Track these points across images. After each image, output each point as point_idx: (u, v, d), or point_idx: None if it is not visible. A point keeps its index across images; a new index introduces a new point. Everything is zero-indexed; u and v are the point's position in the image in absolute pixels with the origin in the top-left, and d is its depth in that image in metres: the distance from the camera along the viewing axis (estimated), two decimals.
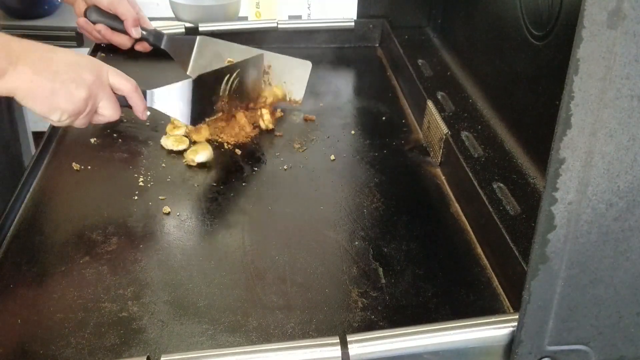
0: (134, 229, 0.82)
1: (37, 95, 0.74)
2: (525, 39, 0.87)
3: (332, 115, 1.09)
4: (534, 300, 0.56)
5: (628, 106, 0.48)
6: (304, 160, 0.97)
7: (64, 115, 0.77)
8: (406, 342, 0.60)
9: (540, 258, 0.54)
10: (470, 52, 1.13)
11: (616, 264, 0.55)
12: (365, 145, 1.01)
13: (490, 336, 0.61)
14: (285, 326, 0.67)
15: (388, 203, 0.87)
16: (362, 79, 1.29)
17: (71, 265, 0.75)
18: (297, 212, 0.86)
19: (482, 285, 0.74)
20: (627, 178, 0.51)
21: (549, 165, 0.50)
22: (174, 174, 0.93)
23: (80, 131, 0.94)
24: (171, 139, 0.98)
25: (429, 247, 0.79)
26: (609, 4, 0.44)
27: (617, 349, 0.60)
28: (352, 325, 0.68)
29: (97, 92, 0.79)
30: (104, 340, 0.65)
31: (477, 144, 0.92)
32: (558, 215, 0.52)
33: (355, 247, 0.79)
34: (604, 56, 0.46)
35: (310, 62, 1.12)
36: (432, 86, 1.09)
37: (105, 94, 0.80)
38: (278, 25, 1.31)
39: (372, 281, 0.74)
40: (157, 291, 0.72)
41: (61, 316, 0.68)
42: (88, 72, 0.77)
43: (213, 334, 0.66)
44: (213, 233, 0.82)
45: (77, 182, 0.91)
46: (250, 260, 0.77)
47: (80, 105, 0.77)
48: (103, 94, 0.80)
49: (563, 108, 0.48)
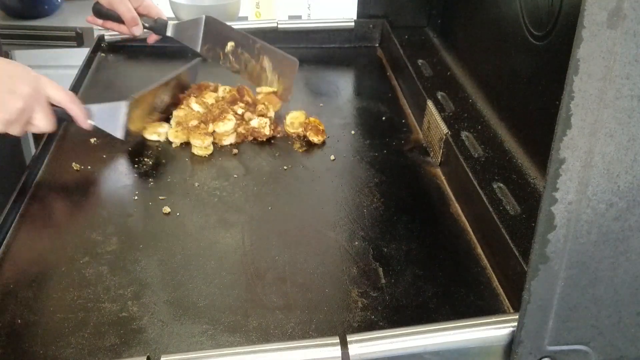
0: (134, 229, 0.82)
1: None
2: (525, 39, 0.87)
3: (332, 115, 1.09)
4: (534, 300, 0.56)
5: (628, 106, 0.48)
6: (304, 160, 0.98)
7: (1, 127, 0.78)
8: (406, 342, 0.60)
9: (540, 258, 0.54)
10: (470, 52, 1.13)
11: (616, 264, 0.55)
12: (365, 145, 1.01)
13: (490, 336, 0.61)
14: (285, 326, 0.67)
15: (388, 203, 0.87)
16: (362, 79, 1.29)
17: (71, 265, 0.75)
18: (297, 212, 0.86)
19: (482, 285, 0.74)
20: (627, 178, 0.51)
21: (549, 165, 0.50)
22: (174, 174, 0.93)
23: (80, 131, 0.94)
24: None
25: (429, 247, 0.79)
26: (609, 4, 0.44)
27: (617, 349, 0.60)
28: (352, 325, 0.68)
29: (33, 104, 0.80)
30: (104, 340, 0.65)
31: (477, 144, 0.92)
32: (558, 215, 0.52)
33: (355, 247, 0.79)
34: (604, 56, 0.46)
35: (297, 59, 1.12)
36: (432, 86, 1.09)
37: (41, 106, 0.82)
38: (278, 25, 1.31)
39: (372, 281, 0.74)
40: (157, 291, 0.72)
41: (61, 316, 0.68)
42: (25, 83, 0.79)
43: (213, 334, 0.66)
44: (213, 233, 0.82)
45: (77, 182, 0.91)
46: (250, 260, 0.77)
47: (14, 115, 0.78)
48: (39, 107, 0.81)
49: (563, 108, 0.48)
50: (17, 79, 0.78)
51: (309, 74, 1.23)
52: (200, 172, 0.93)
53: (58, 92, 0.85)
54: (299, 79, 1.17)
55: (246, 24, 1.41)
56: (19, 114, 0.78)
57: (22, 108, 0.78)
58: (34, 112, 0.81)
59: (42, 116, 0.82)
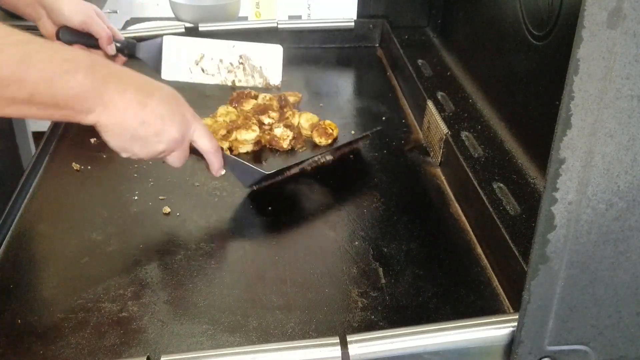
0: (134, 229, 0.82)
1: (115, 135, 0.70)
2: (525, 39, 0.87)
3: (332, 115, 1.09)
4: (534, 300, 0.56)
5: (628, 106, 0.48)
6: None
7: (134, 157, 0.74)
8: (406, 342, 0.60)
9: (540, 258, 0.54)
10: (470, 52, 1.12)
11: (616, 264, 0.55)
12: (365, 145, 1.01)
13: (490, 336, 0.61)
14: (285, 326, 0.67)
15: (388, 203, 0.87)
16: (362, 79, 1.29)
17: (71, 265, 0.75)
18: (297, 212, 0.86)
19: (482, 285, 0.74)
20: (627, 178, 0.51)
21: (549, 165, 0.50)
22: (174, 174, 0.93)
23: (80, 131, 0.94)
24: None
25: (429, 247, 0.79)
26: (609, 4, 0.44)
27: (617, 349, 0.60)
28: (352, 325, 0.68)
29: (175, 147, 0.75)
30: (104, 340, 0.65)
31: (477, 144, 0.92)
32: (558, 215, 0.52)
33: (355, 247, 0.79)
34: (604, 56, 0.46)
35: (280, 45, 1.12)
36: (432, 86, 1.09)
37: (182, 149, 0.77)
38: (278, 25, 1.31)
39: (372, 281, 0.74)
40: (157, 291, 0.72)
41: (61, 316, 0.68)
42: (175, 128, 0.73)
43: (213, 334, 0.66)
44: (213, 233, 0.82)
45: (77, 182, 0.91)
46: (250, 260, 0.77)
47: (153, 155, 0.74)
48: (179, 149, 0.76)
49: (563, 108, 0.48)
50: (169, 120, 0.72)
51: (309, 74, 1.23)
52: (200, 172, 0.93)
53: (204, 141, 0.79)
54: (299, 79, 1.17)
55: (246, 24, 1.41)
56: (157, 154, 0.74)
57: (163, 150, 0.74)
58: (173, 152, 0.76)
59: (178, 157, 0.77)
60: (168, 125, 0.72)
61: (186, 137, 0.76)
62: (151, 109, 0.70)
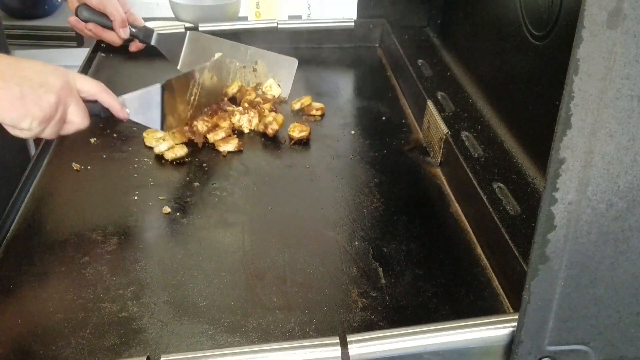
0: (134, 229, 0.82)
1: (6, 101, 0.72)
2: (525, 39, 0.87)
3: (332, 115, 1.09)
4: (534, 300, 0.56)
5: (628, 106, 0.48)
6: (304, 160, 0.98)
7: (34, 123, 0.75)
8: (406, 342, 0.60)
9: (540, 258, 0.54)
10: (470, 52, 1.13)
11: (616, 264, 0.55)
12: (365, 145, 1.01)
13: (490, 336, 0.61)
14: (285, 326, 0.67)
15: (388, 203, 0.87)
16: (362, 79, 1.29)
17: (71, 265, 0.75)
18: (297, 212, 0.86)
19: (482, 285, 0.74)
20: (627, 178, 0.51)
21: (549, 165, 0.50)
22: (174, 174, 0.93)
23: (80, 131, 0.94)
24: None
25: (429, 247, 0.79)
26: (609, 4, 0.44)
27: (617, 349, 0.60)
28: (352, 325, 0.68)
29: (66, 97, 0.78)
30: (104, 340, 0.65)
31: (477, 144, 0.92)
32: (558, 215, 0.52)
33: (355, 247, 0.79)
34: (604, 56, 0.46)
35: (296, 59, 1.12)
36: (432, 86, 1.09)
37: (74, 99, 0.80)
38: (278, 25, 1.31)
39: (372, 281, 0.74)
40: (157, 291, 0.72)
41: (61, 316, 0.68)
42: (55, 77, 0.77)
43: (213, 334, 0.66)
44: (213, 233, 0.82)
45: (77, 182, 0.91)
46: (250, 260, 0.77)
47: (50, 111, 0.76)
48: (72, 99, 0.79)
49: (563, 108, 0.48)
50: (46, 73, 0.76)
51: (309, 74, 1.23)
52: (200, 172, 0.93)
53: (88, 83, 0.82)
54: (299, 79, 1.17)
55: (246, 24, 1.41)
56: (54, 109, 0.76)
57: (56, 102, 0.76)
58: (68, 105, 0.79)
59: (76, 109, 0.80)
60: (48, 75, 0.76)
61: (70, 83, 0.79)
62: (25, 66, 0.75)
